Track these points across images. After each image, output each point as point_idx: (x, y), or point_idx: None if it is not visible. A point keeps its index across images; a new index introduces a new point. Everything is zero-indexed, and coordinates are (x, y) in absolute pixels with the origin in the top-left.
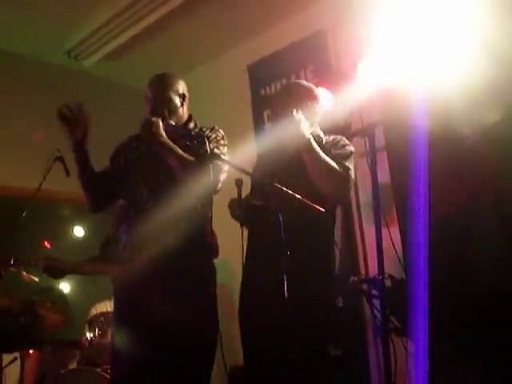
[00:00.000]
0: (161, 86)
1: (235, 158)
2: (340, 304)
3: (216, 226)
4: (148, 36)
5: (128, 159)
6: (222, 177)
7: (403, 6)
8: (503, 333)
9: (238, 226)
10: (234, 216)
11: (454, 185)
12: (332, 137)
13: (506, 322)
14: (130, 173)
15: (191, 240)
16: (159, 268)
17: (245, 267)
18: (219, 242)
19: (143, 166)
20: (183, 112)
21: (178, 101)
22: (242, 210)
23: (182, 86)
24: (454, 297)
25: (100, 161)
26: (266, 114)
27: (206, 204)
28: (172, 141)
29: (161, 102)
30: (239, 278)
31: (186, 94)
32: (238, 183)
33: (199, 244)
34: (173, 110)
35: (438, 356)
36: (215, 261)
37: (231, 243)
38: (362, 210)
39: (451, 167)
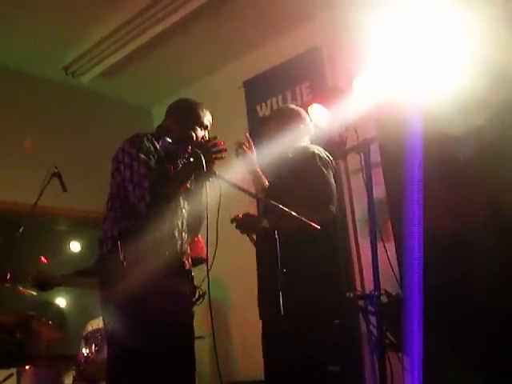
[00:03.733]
0: (192, 110)
1: (230, 174)
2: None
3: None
4: (145, 53)
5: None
6: None
7: (397, 23)
8: (498, 349)
9: (227, 243)
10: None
11: (450, 200)
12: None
13: (501, 338)
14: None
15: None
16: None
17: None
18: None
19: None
20: None
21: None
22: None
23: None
24: (450, 312)
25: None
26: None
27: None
28: (171, 158)
29: (190, 120)
30: (232, 293)
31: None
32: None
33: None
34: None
35: (434, 371)
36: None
37: (223, 260)
38: (357, 226)
39: (447, 183)
